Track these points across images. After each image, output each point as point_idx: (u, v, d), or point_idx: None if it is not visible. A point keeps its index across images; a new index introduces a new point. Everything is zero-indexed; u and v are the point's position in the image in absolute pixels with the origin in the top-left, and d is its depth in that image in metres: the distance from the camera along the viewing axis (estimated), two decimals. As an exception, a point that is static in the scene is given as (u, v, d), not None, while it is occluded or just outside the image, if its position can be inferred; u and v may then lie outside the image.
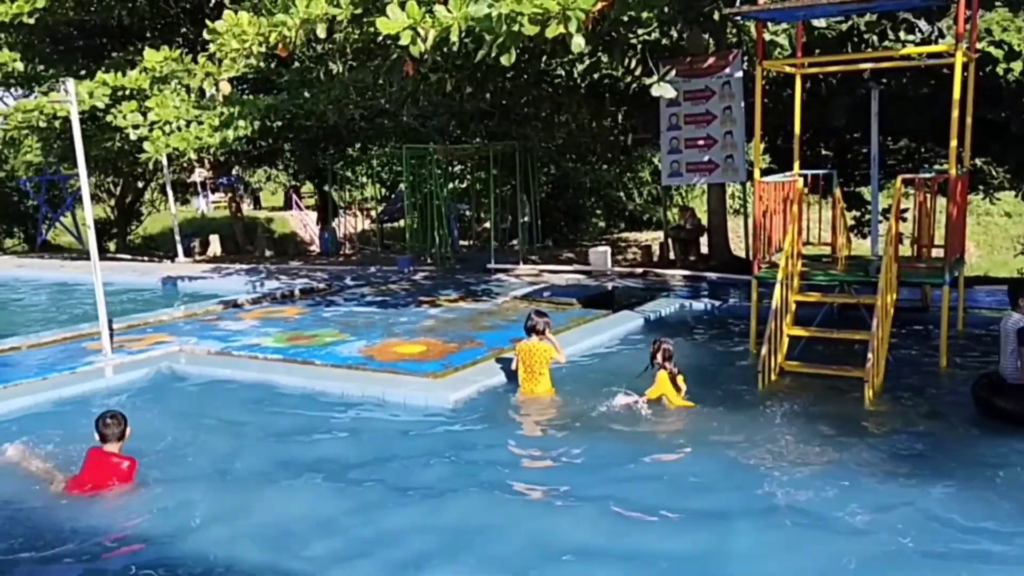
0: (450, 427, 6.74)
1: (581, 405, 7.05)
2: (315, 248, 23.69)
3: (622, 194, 27.52)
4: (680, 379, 7.01)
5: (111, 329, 8.92)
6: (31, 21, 17.25)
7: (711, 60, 13.77)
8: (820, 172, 10.44)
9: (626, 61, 14.34)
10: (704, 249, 16.49)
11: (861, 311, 8.54)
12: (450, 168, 20.75)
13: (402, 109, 14.91)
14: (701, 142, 14.02)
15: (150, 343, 9.40)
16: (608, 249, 15.76)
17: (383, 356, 8.52)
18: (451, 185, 21.44)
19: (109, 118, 13.25)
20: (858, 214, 17.24)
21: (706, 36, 14.53)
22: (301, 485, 5.63)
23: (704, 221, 16.93)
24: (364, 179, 26.44)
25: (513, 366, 7.65)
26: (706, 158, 14.05)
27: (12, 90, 24.80)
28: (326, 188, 24.23)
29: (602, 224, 27.68)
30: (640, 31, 13.82)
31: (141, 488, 5.57)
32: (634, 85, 15.14)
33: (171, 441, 6.46)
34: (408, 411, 7.07)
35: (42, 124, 15.27)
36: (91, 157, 16.31)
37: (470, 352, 8.62)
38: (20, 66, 17.36)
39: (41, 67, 19.04)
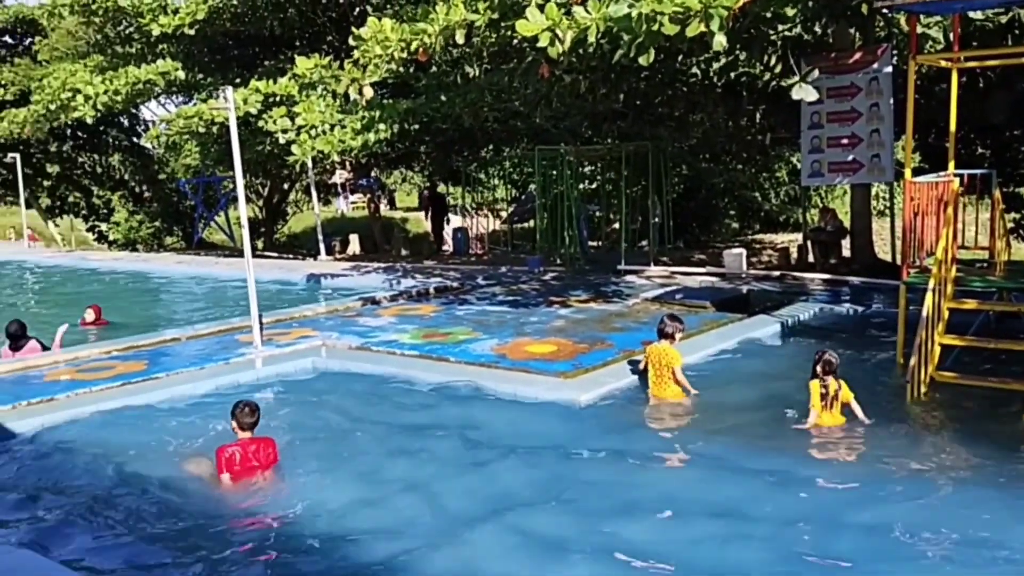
0: (580, 427, 6.74)
1: (713, 411, 6.90)
2: (448, 248, 24.17)
3: (757, 195, 26.72)
4: (840, 391, 6.50)
5: (261, 323, 9.41)
6: (191, 32, 18.48)
7: (857, 55, 13.18)
8: (978, 172, 9.81)
9: (765, 58, 13.93)
10: (846, 252, 15.81)
11: (1023, 320, 7.97)
12: (581, 169, 20.74)
13: (535, 111, 15.03)
14: (845, 141, 13.44)
15: (296, 337, 9.86)
16: (743, 251, 15.35)
17: (515, 355, 8.62)
18: (581, 186, 21.43)
19: (260, 123, 14.04)
20: (1018, 216, 16.10)
21: (852, 31, 13.92)
22: (435, 479, 5.77)
23: (846, 223, 16.23)
24: (496, 180, 26.80)
25: (641, 367, 7.60)
26: (850, 157, 13.46)
27: (173, 97, 26.65)
28: (439, 189, 24.78)
29: (735, 225, 26.96)
30: (781, 27, 13.39)
31: (284, 476, 5.86)
32: (773, 83, 14.68)
33: (314, 431, 6.77)
34: (539, 410, 7.13)
35: (201, 129, 16.37)
36: (243, 160, 17.28)
37: (601, 353, 8.60)
38: (181, 74, 18.59)
39: (200, 75, 20.30)
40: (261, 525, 5.18)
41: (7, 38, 31.98)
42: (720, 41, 6.78)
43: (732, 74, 15.33)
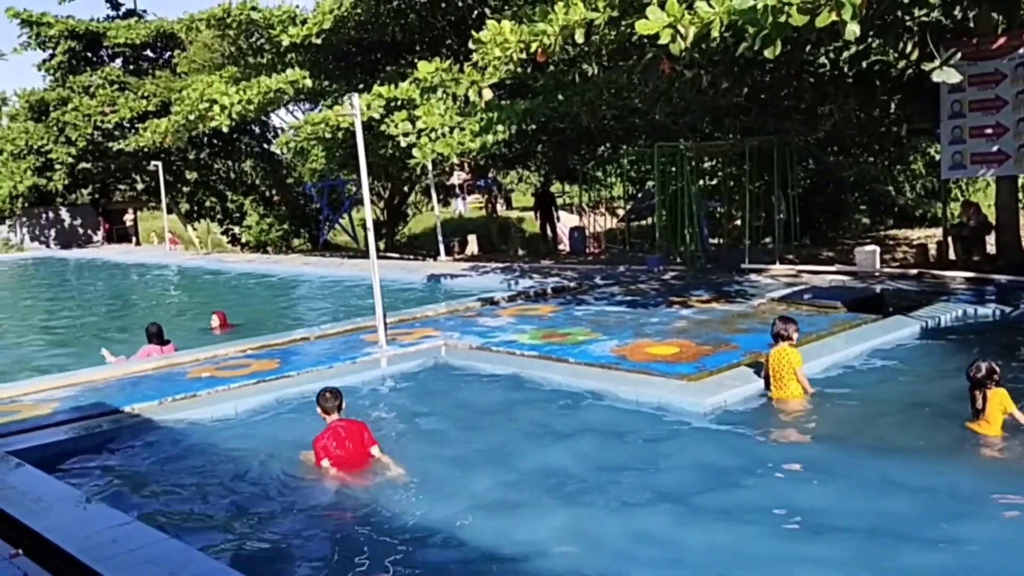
0: (704, 431, 6.61)
1: (849, 417, 6.62)
2: (564, 247, 24.18)
3: (891, 188, 25.48)
4: (1001, 401, 6.08)
5: (385, 323, 9.68)
6: (318, 41, 19.21)
7: (1002, 40, 12.37)
8: None
9: (901, 45, 13.25)
10: (990, 248, 14.86)
11: None
12: (700, 164, 20.33)
13: (655, 107, 14.83)
14: (989, 131, 12.65)
15: (418, 337, 10.08)
16: (876, 248, 14.67)
17: (635, 356, 8.53)
18: (701, 182, 21.01)
19: (383, 127, 14.42)
20: None
21: (995, 15, 13.07)
22: (554, 480, 5.79)
23: (991, 217, 15.25)
24: (613, 178, 26.63)
25: (763, 374, 7.40)
26: (995, 148, 12.65)
27: (301, 104, 27.80)
28: (552, 189, 24.78)
29: (866, 221, 25.78)
30: (918, 12, 12.71)
31: (403, 470, 6.02)
32: (909, 71, 13.96)
33: (435, 429, 6.91)
34: (661, 413, 7.03)
35: (327, 135, 16.97)
36: (367, 163, 17.86)
37: (725, 355, 8.40)
38: (308, 82, 19.31)
39: (326, 82, 21.08)
40: (383, 519, 5.32)
41: (149, 52, 34.20)
42: (853, 30, 6.49)
43: (864, 63, 14.67)
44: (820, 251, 18.36)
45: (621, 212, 25.50)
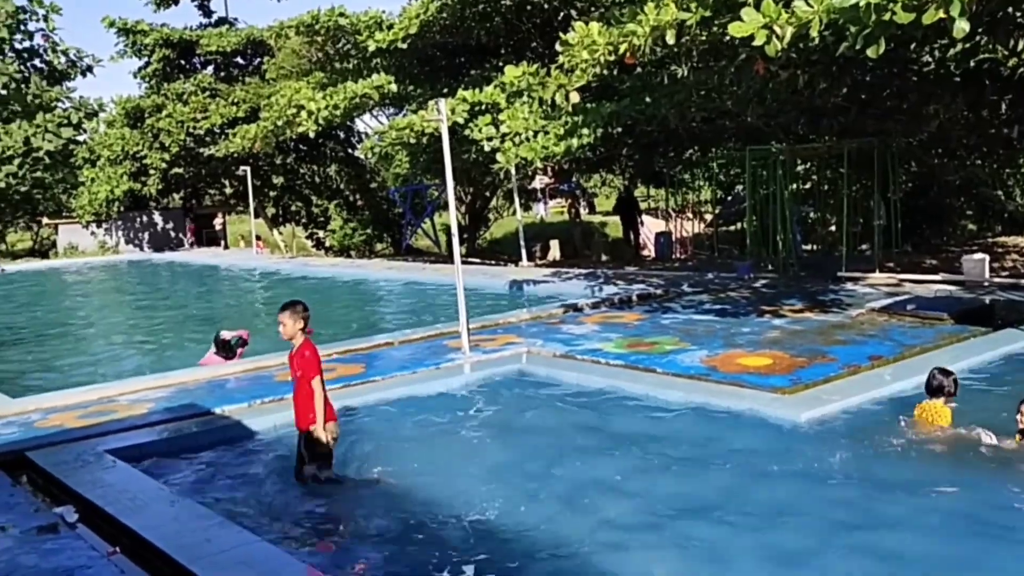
0: (800, 447, 6.44)
1: (953, 435, 6.36)
2: (649, 253, 23.98)
3: (999, 193, 24.40)
4: None
5: (468, 329, 9.76)
6: (404, 46, 19.55)
7: None
8: None
9: (1012, 42, 12.66)
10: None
11: None
12: (794, 168, 19.86)
13: (747, 109, 14.56)
14: (1112, 131, 11.96)
15: (501, 343, 10.13)
16: (984, 256, 14.05)
17: (726, 367, 8.38)
18: (793, 186, 20.52)
19: (467, 132, 14.58)
20: None
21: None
22: (642, 492, 5.75)
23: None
24: (700, 182, 26.26)
25: (903, 425, 6.75)
26: (1119, 149, 11.96)
27: (385, 109, 28.34)
28: (635, 193, 24.54)
29: (973, 227, 24.77)
30: (1032, 6, 12.12)
31: (488, 477, 6.06)
32: (1021, 69, 13.33)
33: (519, 437, 6.93)
34: (755, 426, 6.89)
35: (411, 140, 17.26)
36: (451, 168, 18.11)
37: (822, 368, 8.17)
38: (393, 87, 19.71)
39: (410, 87, 21.42)
40: (472, 524, 5.38)
41: (239, 59, 35.40)
42: (962, 27, 6.25)
43: (972, 61, 14.07)
44: (923, 259, 17.69)
45: (709, 217, 25.13)
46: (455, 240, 9.87)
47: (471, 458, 6.58)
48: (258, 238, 33.66)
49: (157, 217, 35.58)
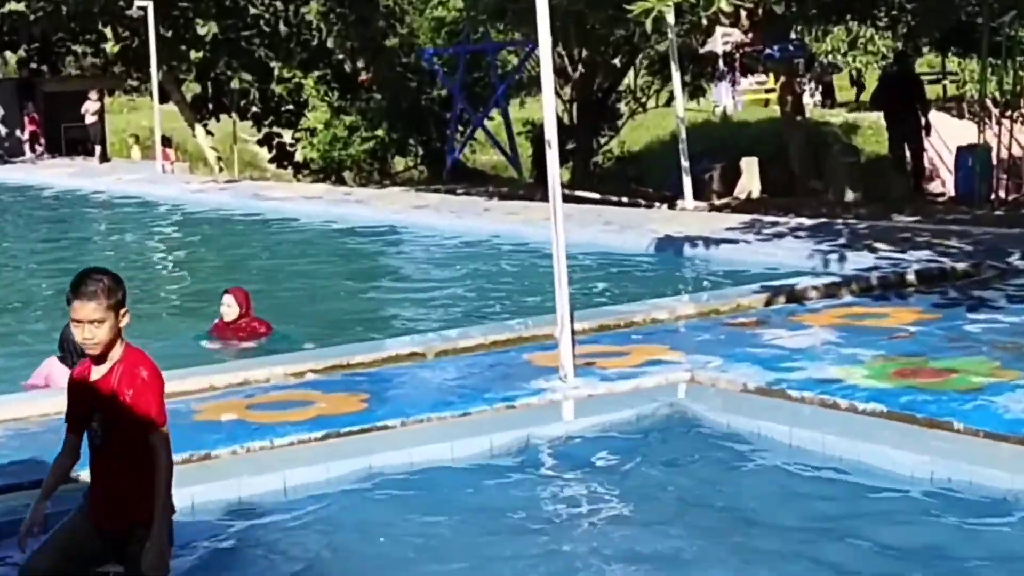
0: None
1: None
2: (942, 188, 23.61)
3: None
4: None
5: (573, 332, 9.73)
6: None
7: None
8: None
9: None
10: None
11: None
12: None
13: None
14: None
15: (637, 361, 10.04)
16: None
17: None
18: None
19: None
20: None
21: None
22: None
23: None
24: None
25: None
26: None
27: None
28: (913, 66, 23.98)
29: None
30: None
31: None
32: None
33: (673, 535, 6.91)
34: None
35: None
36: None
37: None
38: None
39: None
40: None
41: None
42: None
43: None
44: None
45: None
46: (553, 156, 9.82)
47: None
48: (167, 142, 34.25)
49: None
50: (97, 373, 5.80)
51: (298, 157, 36.77)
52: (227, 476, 7.88)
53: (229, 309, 13.20)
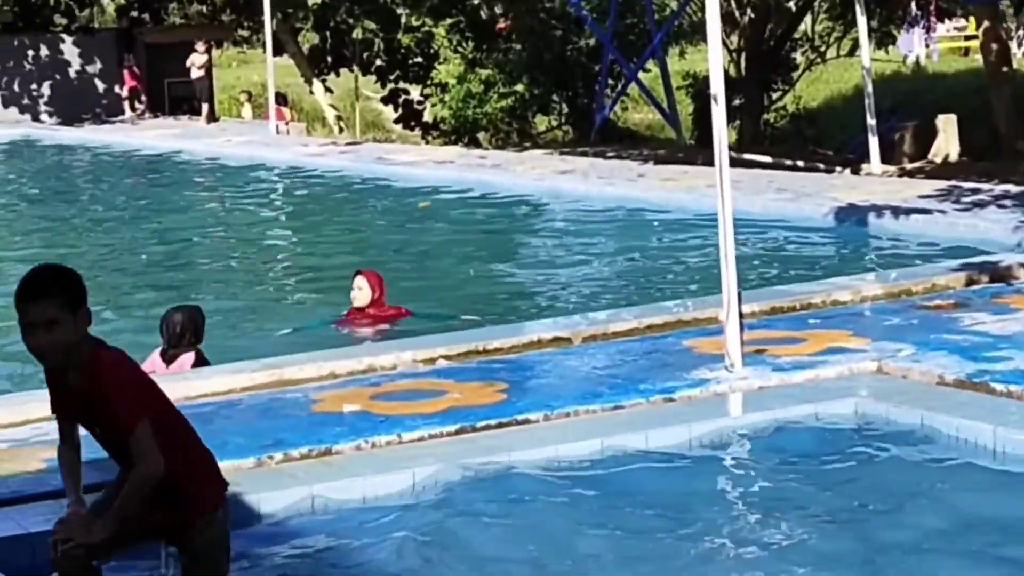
0: None
1: None
2: None
3: None
4: None
5: (741, 316, 9.64)
6: None
7: None
8: None
9: None
10: None
11: None
12: None
13: None
14: None
15: (815, 350, 9.96)
16: None
17: None
18: None
19: None
20: None
21: None
22: None
23: None
24: None
25: None
26: None
27: None
28: None
29: None
30: None
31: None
32: None
33: (867, 560, 6.81)
34: None
35: None
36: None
37: None
38: None
39: None
40: None
41: None
42: None
43: None
44: None
45: None
46: (720, 114, 9.76)
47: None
48: (281, 100, 34.52)
49: (67, 49, 37.07)
50: (68, 382, 5.70)
51: (427, 116, 36.93)
52: (350, 474, 7.91)
53: (361, 293, 13.27)
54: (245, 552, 6.94)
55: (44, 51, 36.44)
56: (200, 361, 10.74)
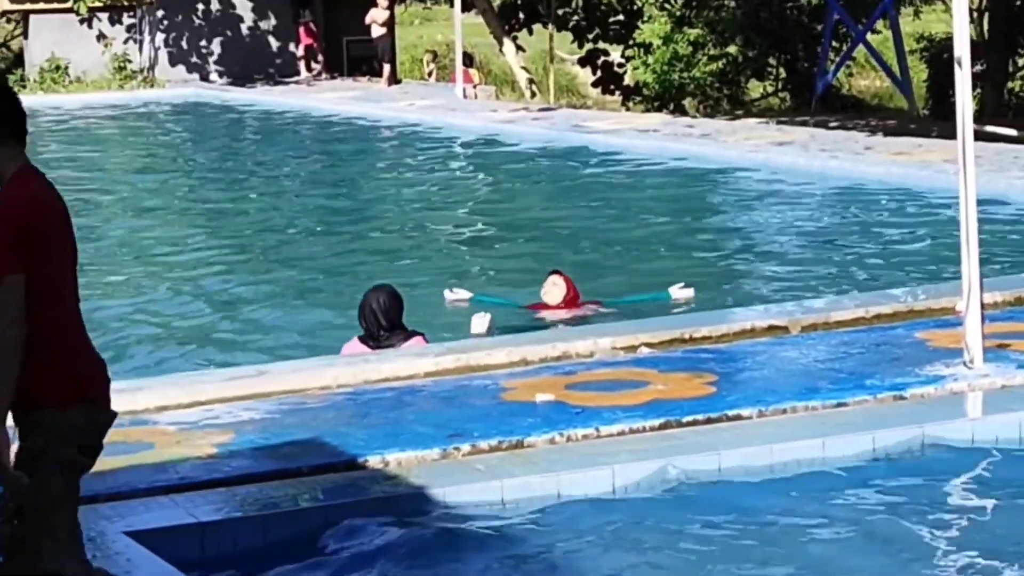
0: None
1: None
2: None
3: None
4: None
5: (982, 305, 9.52)
6: None
7: None
8: None
9: None
10: None
11: None
12: None
13: None
14: None
15: None
16: None
17: None
18: None
19: None
20: None
21: None
22: None
23: None
24: None
25: None
26: None
27: None
28: None
29: None
30: None
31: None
32: None
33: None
34: None
35: None
36: None
37: None
38: None
39: None
40: None
41: None
42: None
43: None
44: None
45: None
46: (964, 80, 9.63)
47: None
48: (468, 61, 34.74)
49: (239, 3, 37.67)
50: None
51: (628, 80, 36.90)
52: (543, 469, 8.01)
53: (555, 289, 13.45)
54: (429, 550, 7.07)
55: (215, 4, 37.06)
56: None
